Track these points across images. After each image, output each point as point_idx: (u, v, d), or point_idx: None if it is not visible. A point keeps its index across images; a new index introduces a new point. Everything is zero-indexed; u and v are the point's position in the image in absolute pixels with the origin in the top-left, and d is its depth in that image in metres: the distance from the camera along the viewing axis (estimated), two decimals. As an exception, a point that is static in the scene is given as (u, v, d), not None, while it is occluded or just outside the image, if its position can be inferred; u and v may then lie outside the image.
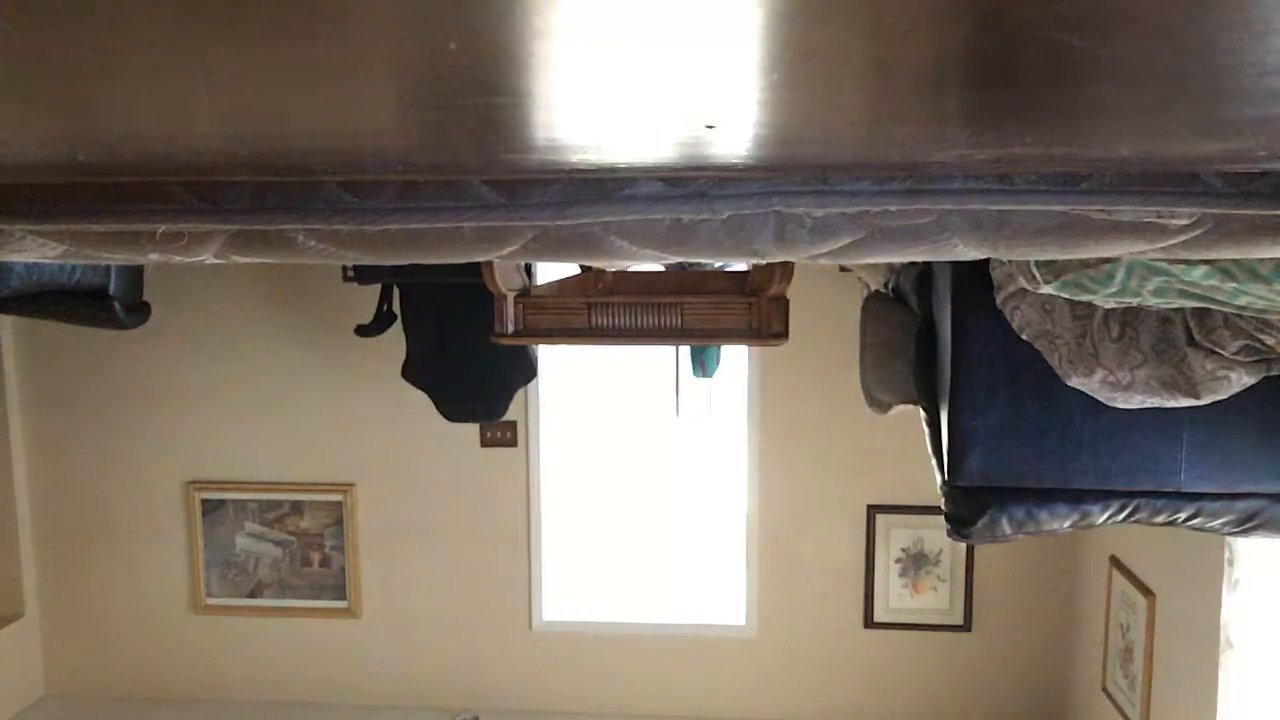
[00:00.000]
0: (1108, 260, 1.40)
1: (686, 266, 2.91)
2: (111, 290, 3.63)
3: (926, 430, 2.45)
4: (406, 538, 4.80)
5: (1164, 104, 0.75)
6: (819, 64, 0.65)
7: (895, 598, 4.59)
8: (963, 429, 2.20)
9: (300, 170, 0.95)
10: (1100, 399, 1.92)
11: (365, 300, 4.10)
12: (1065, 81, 0.69)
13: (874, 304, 2.91)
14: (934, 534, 4.37)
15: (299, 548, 4.84)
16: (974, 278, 2.12)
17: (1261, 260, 1.26)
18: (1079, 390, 1.94)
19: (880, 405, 2.86)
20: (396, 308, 4.02)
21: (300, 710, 4.83)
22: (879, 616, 4.61)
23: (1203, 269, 1.34)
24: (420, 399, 3.99)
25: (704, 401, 5.68)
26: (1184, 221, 0.96)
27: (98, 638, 4.99)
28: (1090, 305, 1.77)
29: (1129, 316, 1.76)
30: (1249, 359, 1.62)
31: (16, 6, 0.52)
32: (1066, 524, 2.20)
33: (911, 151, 0.92)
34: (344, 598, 4.84)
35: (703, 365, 4.23)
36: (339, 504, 4.78)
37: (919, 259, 1.06)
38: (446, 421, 4.10)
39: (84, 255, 1.06)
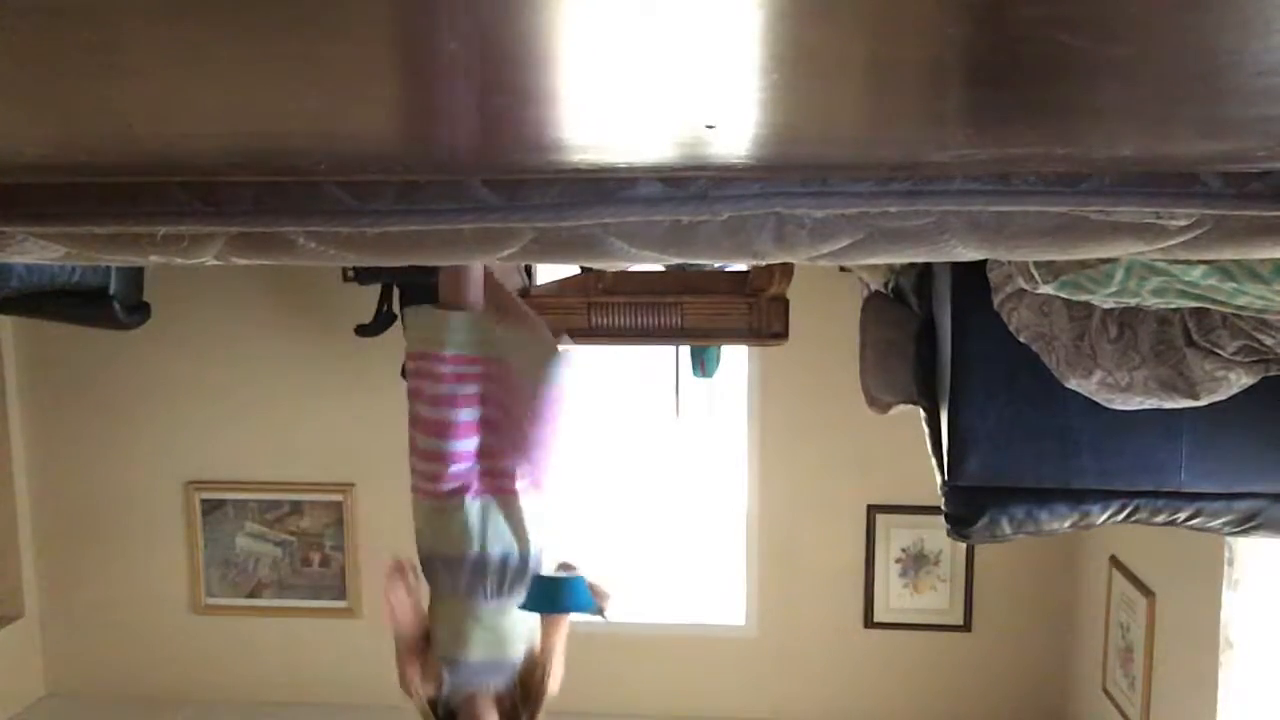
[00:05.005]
0: (1107, 260, 1.40)
1: (686, 267, 2.91)
2: (111, 290, 3.64)
3: (926, 430, 2.45)
4: (406, 538, 4.78)
5: (1164, 104, 0.75)
6: (819, 64, 0.65)
7: (895, 598, 4.59)
8: (962, 429, 2.20)
9: (300, 171, 0.95)
10: (1099, 401, 1.92)
11: (365, 300, 4.10)
12: (1065, 81, 0.69)
13: (874, 304, 2.91)
14: (934, 534, 4.36)
15: (299, 548, 4.84)
16: (974, 278, 2.12)
17: (1261, 260, 1.26)
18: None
19: (880, 405, 2.86)
20: (396, 308, 4.02)
21: (300, 710, 4.83)
22: (879, 616, 4.61)
23: (1202, 269, 1.34)
24: (420, 399, 3.98)
25: (704, 401, 5.68)
26: (1184, 222, 0.96)
27: (98, 638, 4.99)
28: (1088, 306, 1.77)
29: (1127, 317, 1.75)
30: (1248, 359, 1.62)
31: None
32: (1066, 524, 2.20)
33: (911, 151, 0.92)
34: (344, 598, 4.83)
35: (703, 365, 4.23)
36: (339, 504, 4.78)
37: (919, 260, 1.06)
38: (446, 421, 4.09)
39: (85, 257, 1.06)
